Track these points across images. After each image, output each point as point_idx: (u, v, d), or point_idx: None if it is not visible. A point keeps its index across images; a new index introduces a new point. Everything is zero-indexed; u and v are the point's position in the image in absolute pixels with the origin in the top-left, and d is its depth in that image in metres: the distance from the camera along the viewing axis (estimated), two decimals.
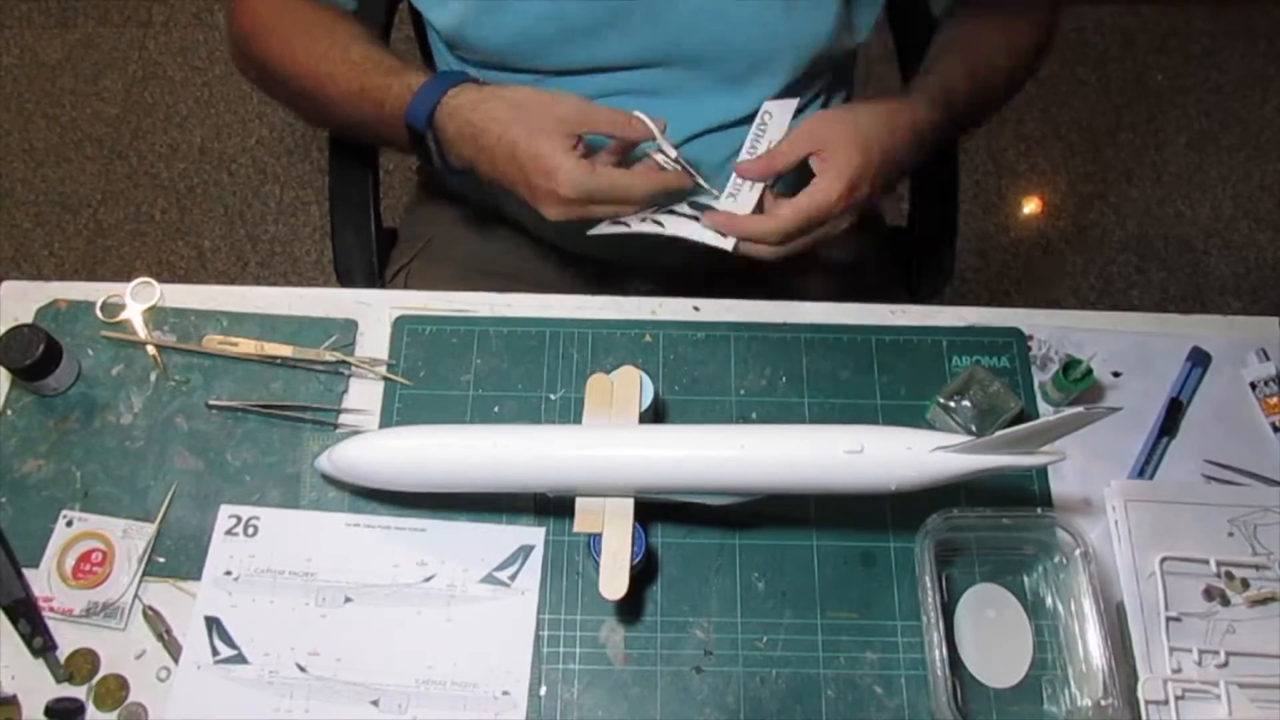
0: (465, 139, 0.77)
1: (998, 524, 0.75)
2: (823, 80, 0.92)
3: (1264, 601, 0.74)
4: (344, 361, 0.83)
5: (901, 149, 0.80)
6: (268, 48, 0.86)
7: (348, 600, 0.74)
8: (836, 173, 0.76)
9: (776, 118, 0.82)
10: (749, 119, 0.85)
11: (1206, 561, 0.75)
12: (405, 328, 0.85)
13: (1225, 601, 0.75)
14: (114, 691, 0.71)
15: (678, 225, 0.78)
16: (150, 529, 0.76)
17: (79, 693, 0.71)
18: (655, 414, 0.80)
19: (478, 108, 0.76)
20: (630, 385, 0.74)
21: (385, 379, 0.82)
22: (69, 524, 0.76)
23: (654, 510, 0.76)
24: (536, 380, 0.83)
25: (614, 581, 0.68)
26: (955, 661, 0.73)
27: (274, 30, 0.86)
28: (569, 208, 0.75)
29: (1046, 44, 0.96)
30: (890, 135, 0.79)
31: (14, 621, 0.72)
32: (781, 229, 0.76)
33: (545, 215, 0.76)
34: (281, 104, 0.94)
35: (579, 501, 0.71)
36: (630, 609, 0.75)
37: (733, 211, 0.78)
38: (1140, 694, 0.71)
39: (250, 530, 0.76)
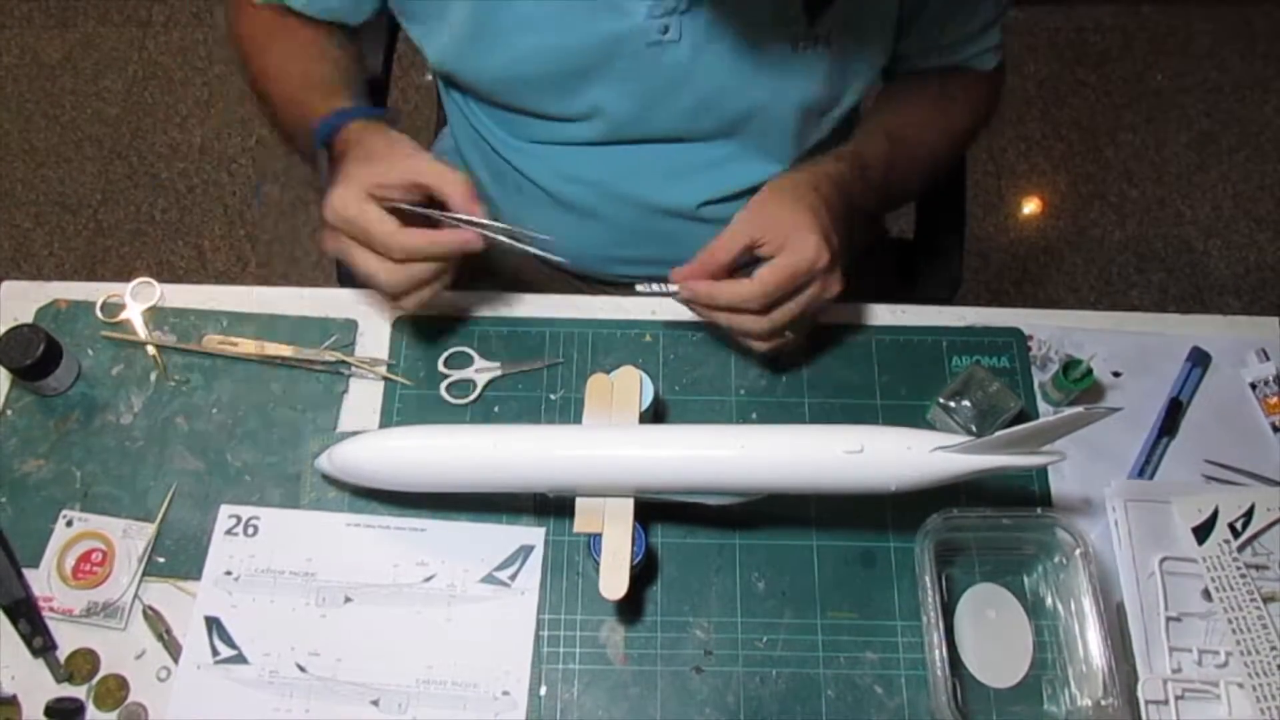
0: (337, 163, 0.75)
1: (998, 524, 0.75)
2: (818, 136, 0.90)
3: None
4: (344, 361, 0.83)
5: (839, 206, 0.76)
6: (254, 61, 0.88)
7: (348, 600, 0.74)
8: (805, 231, 0.72)
9: None
10: (734, 170, 0.86)
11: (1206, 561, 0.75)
12: (405, 328, 0.85)
13: None
14: (114, 691, 0.71)
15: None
16: (150, 529, 0.76)
17: (79, 693, 0.71)
18: (655, 414, 0.80)
19: (366, 141, 0.74)
20: (630, 385, 0.74)
21: (385, 379, 0.82)
22: (69, 524, 0.76)
23: (654, 510, 0.76)
24: (536, 380, 0.83)
25: (614, 581, 0.68)
26: (955, 661, 0.73)
27: (263, 48, 0.87)
28: (330, 239, 0.73)
29: (982, 124, 0.95)
30: (831, 187, 0.77)
31: (14, 621, 0.72)
32: (764, 291, 0.71)
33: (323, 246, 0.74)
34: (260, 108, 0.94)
35: (579, 502, 0.71)
36: (630, 609, 0.75)
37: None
38: (1140, 694, 0.71)
39: (250, 530, 0.76)
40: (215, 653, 0.72)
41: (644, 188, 0.89)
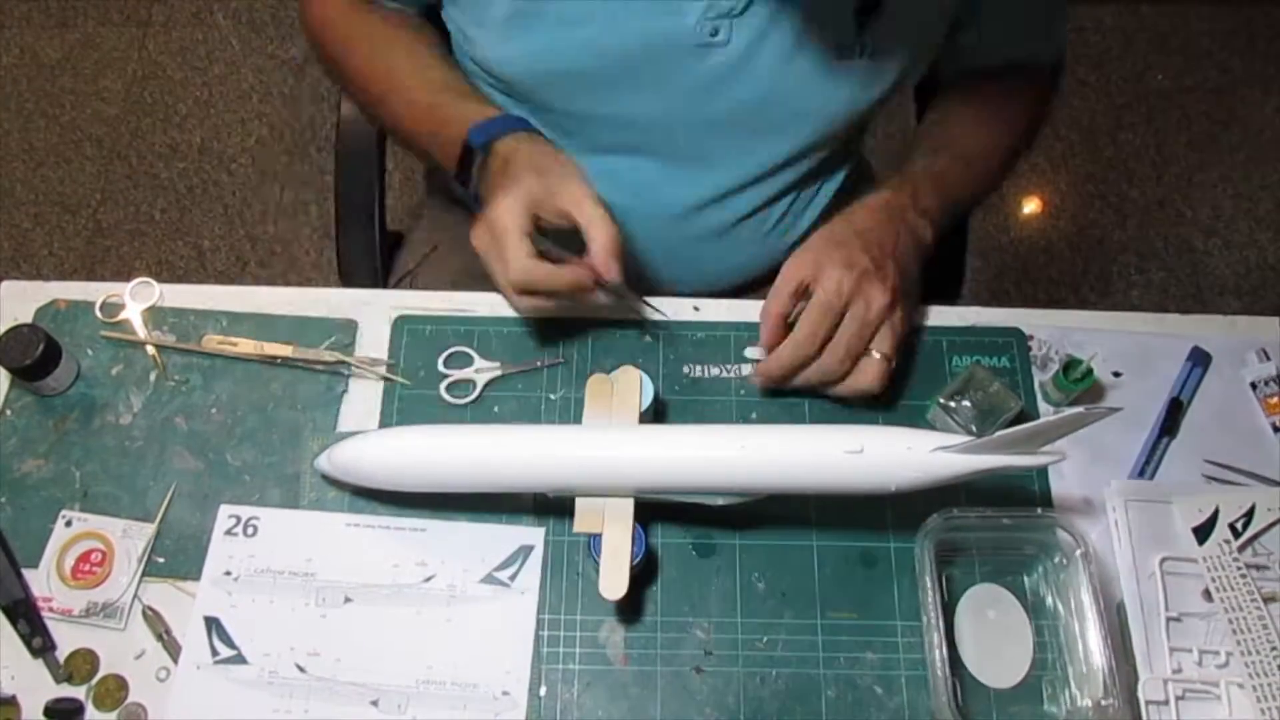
0: (502, 167, 0.77)
1: (998, 524, 0.75)
2: (835, 143, 0.90)
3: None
4: (344, 361, 0.83)
5: (879, 228, 0.79)
6: (342, 55, 0.89)
7: (348, 600, 0.74)
8: (827, 266, 0.75)
9: None
10: (761, 179, 0.86)
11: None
12: (405, 328, 0.85)
13: None
14: (113, 692, 0.71)
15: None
16: (150, 529, 0.76)
17: (78, 693, 0.71)
18: (655, 414, 0.80)
19: (536, 150, 0.76)
20: (630, 385, 0.74)
21: (385, 379, 0.82)
22: (68, 524, 0.76)
23: (654, 510, 0.76)
24: (536, 380, 0.83)
25: (614, 582, 0.68)
26: (955, 661, 0.73)
27: (347, 38, 0.88)
28: (480, 232, 0.74)
29: (1043, 121, 0.96)
30: (866, 214, 0.79)
31: (13, 621, 0.72)
32: (806, 335, 0.75)
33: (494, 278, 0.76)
34: (348, 98, 1.00)
35: (579, 502, 0.71)
36: (630, 609, 0.75)
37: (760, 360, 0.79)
38: (1140, 694, 0.71)
39: (250, 530, 0.76)
40: (215, 653, 0.72)
41: (666, 202, 0.89)
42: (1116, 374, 0.84)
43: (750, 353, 0.84)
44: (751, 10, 0.75)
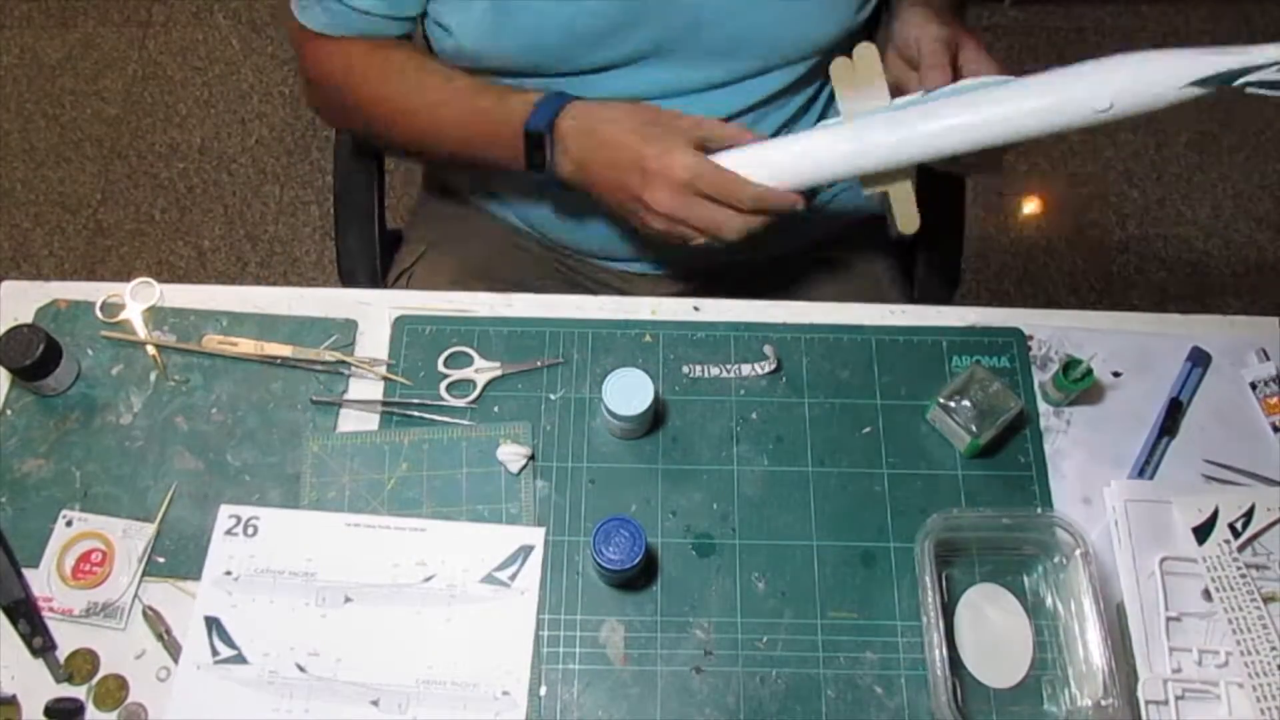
0: (583, 133, 0.78)
1: (998, 524, 0.75)
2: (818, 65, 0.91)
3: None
4: (344, 361, 0.83)
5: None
6: (364, 94, 0.88)
7: (348, 600, 0.74)
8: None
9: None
10: (751, 109, 0.87)
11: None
12: (405, 328, 0.85)
13: None
14: (114, 691, 0.71)
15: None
16: (150, 529, 0.76)
17: (79, 693, 0.71)
18: (655, 414, 0.80)
19: (600, 111, 0.78)
20: (869, 61, 0.75)
21: (385, 379, 0.82)
22: (69, 524, 0.76)
23: (654, 510, 0.76)
24: (536, 380, 0.83)
25: (909, 218, 0.78)
26: (955, 661, 0.73)
27: (366, 77, 0.87)
28: (676, 196, 0.75)
29: None
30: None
31: (14, 621, 0.72)
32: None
33: (647, 217, 0.77)
34: (375, 140, 0.99)
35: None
36: (630, 609, 0.75)
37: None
38: (1140, 694, 0.71)
39: (250, 530, 0.76)
40: (215, 653, 0.72)
41: None
42: (1116, 374, 0.84)
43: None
44: None
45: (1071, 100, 0.70)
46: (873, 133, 0.74)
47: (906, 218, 0.78)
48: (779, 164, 0.76)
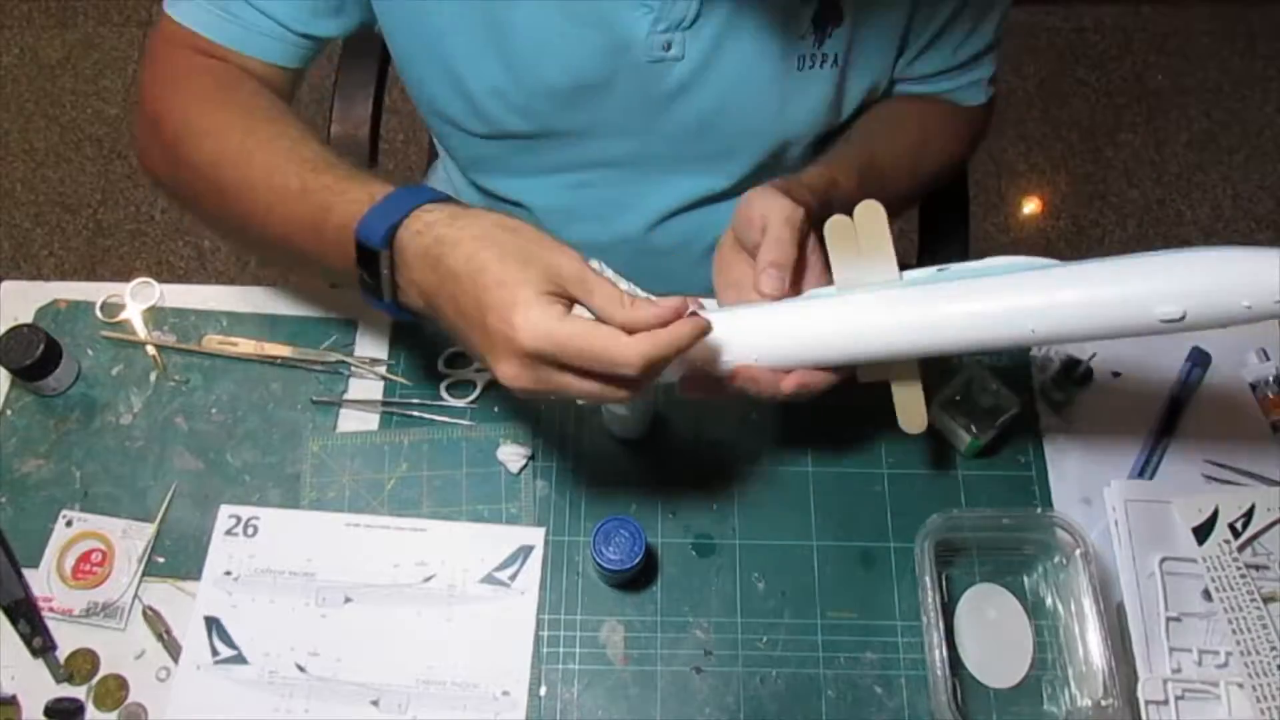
0: (428, 261, 0.57)
1: (998, 524, 0.75)
2: (799, 160, 0.87)
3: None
4: (344, 361, 0.83)
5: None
6: (200, 149, 0.69)
7: (348, 600, 0.74)
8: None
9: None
10: (727, 194, 0.85)
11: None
12: (405, 328, 0.85)
13: None
14: (114, 691, 0.71)
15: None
16: (150, 529, 0.76)
17: (79, 693, 0.71)
18: (655, 414, 0.80)
19: (456, 221, 0.58)
20: (876, 222, 0.64)
21: (385, 379, 0.82)
22: (69, 524, 0.76)
23: (654, 510, 0.76)
24: None
25: (914, 416, 0.67)
26: (955, 661, 0.73)
27: (208, 130, 0.69)
28: (524, 370, 0.55)
29: (963, 159, 0.96)
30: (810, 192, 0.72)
31: (14, 621, 0.72)
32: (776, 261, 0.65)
33: (497, 375, 0.57)
34: (202, 221, 0.77)
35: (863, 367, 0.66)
36: (630, 609, 0.75)
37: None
38: (1140, 694, 0.71)
39: (250, 530, 0.76)
40: (215, 653, 0.72)
41: (630, 218, 0.88)
42: (1116, 374, 0.84)
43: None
44: (702, 21, 0.73)
45: (1130, 298, 0.57)
46: (872, 313, 0.62)
47: (911, 416, 0.68)
48: (753, 340, 0.63)
